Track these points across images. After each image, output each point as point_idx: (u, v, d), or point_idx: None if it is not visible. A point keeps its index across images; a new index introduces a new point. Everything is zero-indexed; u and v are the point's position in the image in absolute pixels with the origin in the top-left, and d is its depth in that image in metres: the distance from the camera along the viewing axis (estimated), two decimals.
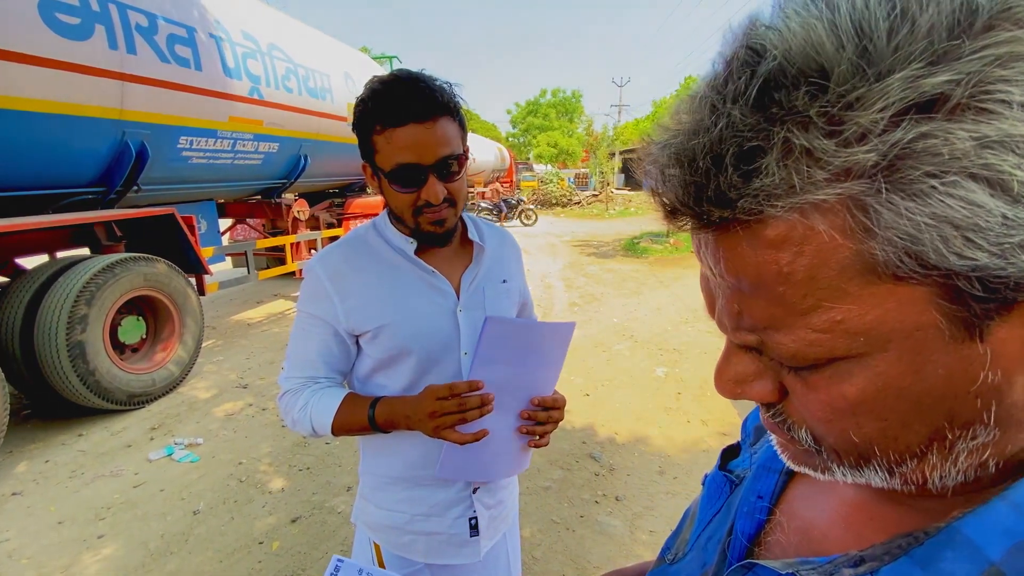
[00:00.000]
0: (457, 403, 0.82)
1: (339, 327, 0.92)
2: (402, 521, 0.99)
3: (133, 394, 3.37)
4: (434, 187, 0.83)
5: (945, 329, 0.23)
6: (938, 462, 0.26)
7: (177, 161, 4.05)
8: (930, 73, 0.20)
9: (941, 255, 0.21)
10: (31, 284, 3.14)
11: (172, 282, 3.71)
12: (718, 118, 0.24)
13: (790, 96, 0.22)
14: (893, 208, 0.21)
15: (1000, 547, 0.24)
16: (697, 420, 3.26)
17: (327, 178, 6.65)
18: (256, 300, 6.51)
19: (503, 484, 1.06)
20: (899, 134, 0.20)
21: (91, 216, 3.45)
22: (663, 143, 0.28)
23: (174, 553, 2.15)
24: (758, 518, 0.41)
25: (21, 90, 2.88)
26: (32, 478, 2.68)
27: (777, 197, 0.23)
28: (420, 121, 0.80)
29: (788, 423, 0.31)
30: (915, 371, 0.24)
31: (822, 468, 0.31)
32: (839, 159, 0.21)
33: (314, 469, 2.76)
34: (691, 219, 0.27)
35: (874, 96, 0.20)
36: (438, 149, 0.82)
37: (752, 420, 0.54)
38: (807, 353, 0.26)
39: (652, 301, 6.25)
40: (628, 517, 2.35)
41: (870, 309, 0.23)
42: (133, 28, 3.43)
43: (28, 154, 3.09)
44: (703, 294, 0.32)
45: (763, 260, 0.25)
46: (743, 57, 0.24)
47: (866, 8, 0.21)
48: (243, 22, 4.53)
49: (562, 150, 34.73)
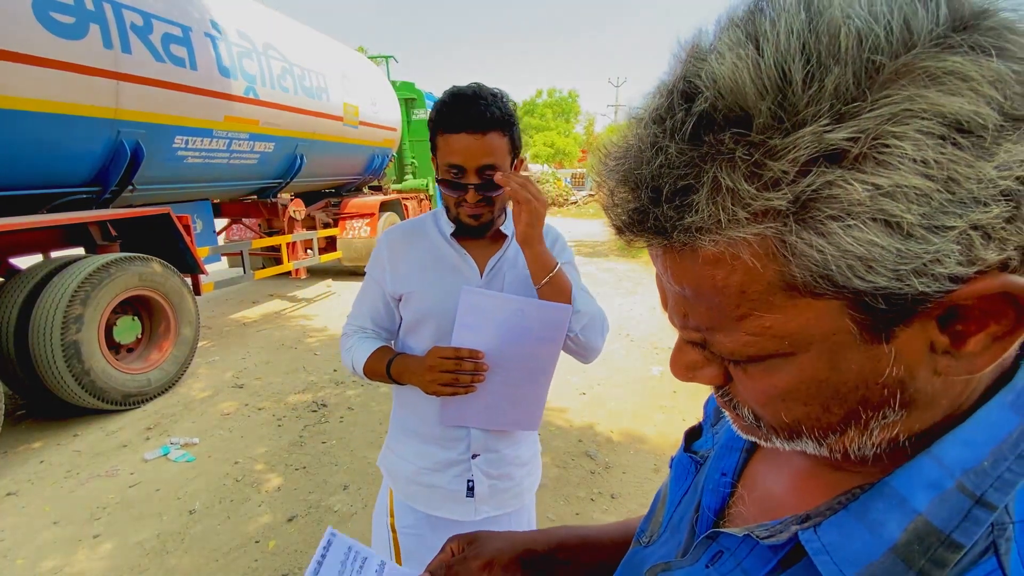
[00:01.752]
0: (453, 364, 0.95)
1: (386, 289, 1.10)
2: (410, 471, 1.12)
3: (128, 394, 3.36)
4: (472, 191, 0.97)
5: (856, 334, 0.27)
6: (856, 436, 0.31)
7: (172, 161, 4.04)
8: (835, 128, 0.22)
9: (847, 279, 0.24)
10: (25, 284, 3.13)
11: (167, 282, 3.71)
12: (657, 152, 0.27)
13: (718, 137, 0.25)
14: (805, 242, 0.24)
15: (924, 498, 0.28)
16: (692, 418, 3.27)
17: (323, 178, 6.64)
18: (252, 300, 6.50)
19: (510, 459, 1.11)
20: (807, 181, 0.23)
21: (86, 216, 3.44)
22: (614, 163, 0.31)
23: (170, 552, 2.15)
24: (723, 492, 0.44)
25: (15, 89, 2.87)
26: (27, 478, 2.67)
27: (706, 231, 0.26)
28: (472, 131, 0.93)
29: (734, 402, 0.35)
30: (832, 367, 0.28)
31: (764, 438, 0.35)
32: (757, 202, 0.24)
33: (310, 468, 2.76)
34: (636, 239, 0.31)
35: (787, 146, 0.23)
36: (482, 158, 0.95)
37: (712, 401, 0.57)
38: (743, 351, 0.30)
39: (648, 300, 6.27)
40: (623, 514, 2.36)
41: (793, 318, 0.27)
42: (128, 27, 3.42)
43: (22, 153, 3.08)
44: (658, 290, 0.36)
45: (702, 274, 0.28)
46: (681, 90, 0.27)
47: (787, 54, 0.23)
48: (238, 21, 4.52)
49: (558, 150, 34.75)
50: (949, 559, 0.27)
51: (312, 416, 3.35)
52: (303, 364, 4.27)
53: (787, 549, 0.34)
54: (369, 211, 7.02)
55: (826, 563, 0.30)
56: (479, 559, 0.61)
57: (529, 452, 1.16)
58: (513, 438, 1.11)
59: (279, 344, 4.78)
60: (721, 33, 0.27)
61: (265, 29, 4.90)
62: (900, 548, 0.28)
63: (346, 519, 2.35)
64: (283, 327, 5.33)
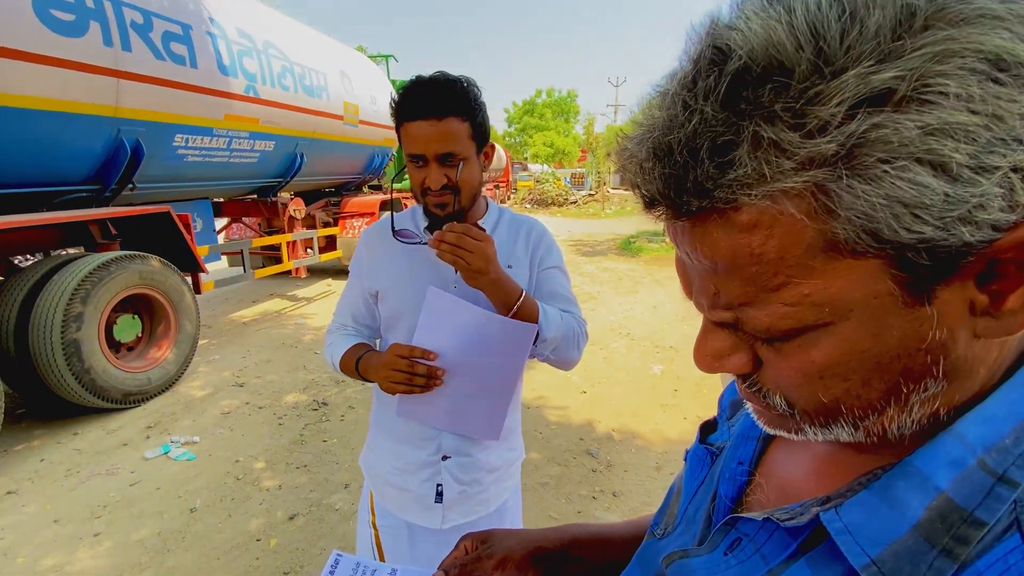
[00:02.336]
0: (407, 364, 0.93)
1: (364, 286, 1.10)
2: (385, 471, 1.11)
3: (129, 392, 3.36)
4: (434, 174, 0.94)
5: (898, 295, 0.26)
6: (896, 414, 0.30)
7: (173, 159, 4.03)
8: (878, 70, 0.22)
9: (893, 230, 0.24)
10: (26, 282, 3.12)
11: (168, 280, 3.70)
12: (691, 114, 0.26)
13: (757, 93, 0.24)
14: (852, 191, 0.24)
15: (947, 476, 0.28)
16: (693, 416, 3.28)
17: (323, 176, 6.63)
18: (252, 299, 6.49)
19: (481, 464, 1.08)
20: (854, 125, 0.23)
21: (86, 214, 3.43)
22: (638, 138, 0.30)
23: (171, 551, 2.14)
24: (740, 480, 0.44)
25: (15, 87, 2.86)
26: (27, 477, 2.66)
27: (750, 186, 0.25)
28: (427, 118, 0.91)
29: (763, 391, 0.34)
30: (874, 335, 0.27)
31: (795, 429, 0.34)
32: (804, 150, 0.24)
33: (311, 467, 2.75)
34: (669, 209, 0.30)
35: (831, 92, 0.23)
36: (440, 145, 0.92)
37: (727, 396, 0.57)
38: (779, 325, 0.29)
39: (649, 299, 6.27)
40: (625, 513, 2.36)
41: (833, 282, 0.26)
42: (128, 25, 3.41)
43: (22, 151, 3.08)
44: (680, 277, 0.35)
45: (737, 243, 0.27)
46: (710, 56, 0.26)
47: (819, 11, 0.24)
48: (239, 19, 4.52)
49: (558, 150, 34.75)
50: (972, 536, 0.27)
51: (313, 415, 3.35)
52: (303, 363, 4.26)
53: (807, 532, 0.33)
54: (369, 210, 7.01)
55: (848, 543, 0.30)
56: (492, 557, 0.61)
57: (500, 459, 1.12)
58: (485, 443, 1.08)
59: (279, 343, 4.78)
60: (742, 6, 0.27)
61: (265, 28, 4.89)
62: (923, 526, 0.28)
63: (347, 517, 2.34)
64: (283, 326, 5.32)
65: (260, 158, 4.99)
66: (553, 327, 0.99)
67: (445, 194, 0.96)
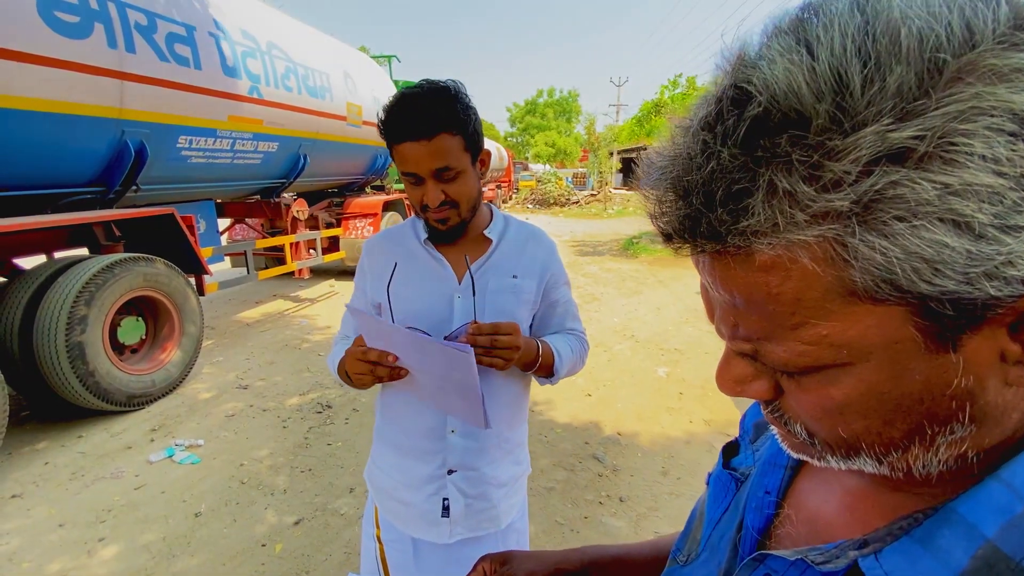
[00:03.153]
0: (368, 368, 0.90)
1: (367, 298, 1.09)
2: (389, 486, 1.09)
3: (133, 395, 3.35)
4: (431, 192, 0.93)
5: (921, 342, 0.25)
6: (920, 453, 0.29)
7: (176, 160, 4.02)
8: (898, 128, 0.22)
9: (913, 283, 0.23)
10: (30, 285, 3.12)
11: (172, 282, 3.69)
12: (709, 157, 0.26)
13: (774, 140, 0.24)
14: (868, 244, 0.23)
15: (993, 524, 0.27)
16: (700, 420, 3.26)
17: (326, 177, 6.62)
18: (255, 300, 6.49)
19: (488, 478, 1.06)
20: (871, 181, 0.23)
21: (90, 216, 3.42)
22: (660, 169, 0.30)
23: (176, 556, 2.13)
24: (767, 512, 0.43)
25: (20, 89, 2.85)
26: (32, 480, 2.66)
27: (763, 234, 0.25)
28: (417, 139, 0.88)
29: (785, 418, 0.34)
30: (895, 378, 0.27)
31: (818, 456, 0.34)
32: (817, 204, 0.24)
33: (316, 470, 2.74)
34: (686, 246, 0.30)
35: (848, 147, 0.23)
36: (434, 162, 0.90)
37: (751, 417, 0.56)
38: (797, 362, 0.29)
39: (652, 301, 6.25)
40: (632, 518, 2.34)
41: (852, 325, 0.26)
42: (132, 27, 3.40)
43: (26, 153, 3.07)
44: (703, 301, 0.35)
45: (754, 282, 0.27)
46: (732, 96, 0.26)
47: (843, 58, 0.23)
48: (242, 21, 4.51)
49: (560, 150, 34.74)
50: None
51: (317, 417, 3.34)
52: (307, 364, 4.26)
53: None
54: (372, 211, 7.00)
55: None
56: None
57: (508, 474, 1.09)
58: (491, 456, 1.06)
59: (283, 344, 4.77)
60: (769, 41, 0.26)
61: (269, 29, 4.88)
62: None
63: (352, 522, 2.33)
64: (287, 327, 5.32)
65: (264, 159, 4.98)
66: (566, 364, 1.04)
67: (444, 209, 0.95)
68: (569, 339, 1.10)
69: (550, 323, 1.12)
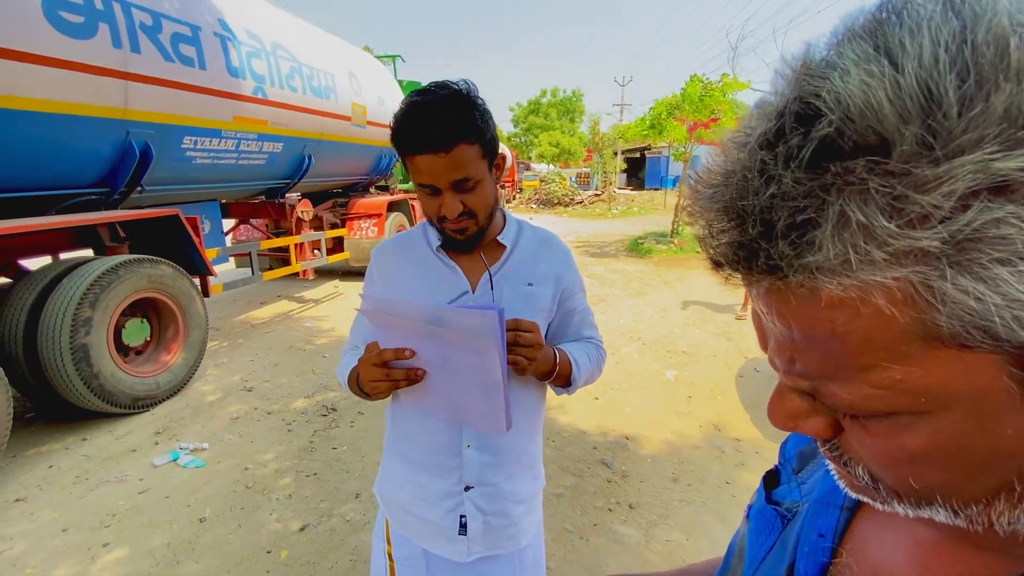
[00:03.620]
0: (384, 373, 0.86)
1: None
2: (404, 500, 1.05)
3: (137, 397, 3.33)
4: (449, 203, 0.89)
5: (1017, 394, 0.22)
6: (1006, 509, 0.26)
7: (181, 161, 4.01)
8: (1006, 156, 0.19)
9: (1013, 332, 0.20)
10: (35, 286, 3.10)
11: (176, 284, 3.67)
12: (768, 180, 0.23)
13: (847, 166, 0.21)
14: (959, 287, 0.20)
15: None
16: (709, 425, 3.21)
17: (331, 178, 6.60)
18: (260, 301, 6.47)
19: (506, 494, 1.02)
20: (968, 217, 0.19)
21: (95, 217, 3.41)
22: (712, 188, 0.27)
23: (181, 562, 2.11)
24: (822, 560, 0.39)
25: (24, 89, 2.83)
26: (36, 483, 2.64)
27: (831, 272, 0.22)
28: (434, 151, 0.84)
29: (845, 458, 0.31)
30: (982, 431, 0.24)
31: (882, 501, 0.30)
32: (899, 242, 0.20)
33: (321, 475, 2.71)
34: (738, 275, 0.27)
35: (941, 177, 0.19)
36: (452, 173, 0.86)
37: (793, 445, 0.52)
38: (863, 405, 0.26)
39: (659, 302, 6.20)
40: (643, 526, 2.30)
41: (932, 371, 0.23)
42: (137, 27, 3.38)
43: (31, 155, 3.05)
44: (755, 328, 0.31)
45: (816, 318, 0.24)
46: (795, 111, 0.23)
47: (935, 69, 0.20)
48: (247, 21, 4.49)
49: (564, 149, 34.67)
50: None
51: (322, 421, 3.31)
52: (312, 366, 4.23)
53: None
54: (376, 211, 6.98)
55: None
56: None
57: (528, 489, 1.06)
58: (509, 471, 1.02)
59: (287, 346, 4.75)
60: (840, 47, 0.23)
61: (273, 29, 4.86)
62: None
63: (359, 528, 2.30)
64: (291, 328, 5.30)
65: (268, 160, 4.96)
66: (584, 374, 1.00)
67: (462, 220, 0.91)
68: (587, 347, 1.06)
69: (566, 332, 1.09)
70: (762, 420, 3.24)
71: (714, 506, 2.43)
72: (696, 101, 9.19)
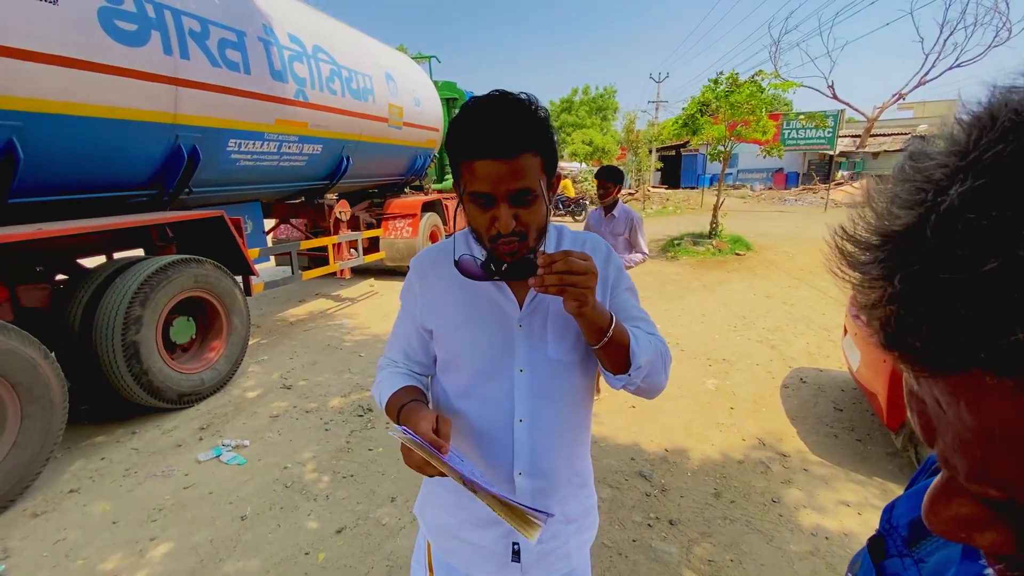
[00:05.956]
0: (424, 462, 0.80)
1: (417, 321, 1.01)
2: (452, 525, 1.01)
3: (183, 393, 3.44)
4: (504, 216, 0.81)
5: None
6: None
7: (226, 163, 4.12)
8: None
9: None
10: (90, 285, 3.24)
11: (220, 283, 3.77)
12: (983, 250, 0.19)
13: None
14: None
15: None
16: (752, 438, 3.08)
17: (368, 178, 6.70)
18: (298, 298, 6.63)
19: (561, 517, 0.98)
20: None
21: (146, 219, 3.53)
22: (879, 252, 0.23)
23: (223, 560, 2.15)
24: None
25: (84, 97, 2.95)
26: (88, 475, 2.75)
27: None
28: (498, 157, 0.78)
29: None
30: None
31: None
32: None
33: (358, 477, 2.73)
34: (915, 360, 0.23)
35: None
36: (512, 182, 0.80)
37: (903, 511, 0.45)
38: None
39: (697, 307, 6.03)
40: (684, 543, 2.22)
41: None
42: (187, 33, 3.49)
43: (89, 158, 3.18)
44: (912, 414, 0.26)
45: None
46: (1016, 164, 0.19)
47: None
48: (289, 25, 4.57)
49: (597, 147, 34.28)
50: None
51: (358, 421, 3.34)
52: (348, 365, 4.29)
53: None
54: (411, 211, 7.04)
55: None
56: None
57: (580, 508, 1.02)
58: (561, 494, 0.98)
59: (325, 344, 4.83)
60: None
61: (314, 32, 4.94)
62: None
63: (394, 533, 2.30)
64: (328, 327, 5.39)
65: (308, 161, 5.05)
66: (644, 351, 0.87)
67: (514, 241, 0.83)
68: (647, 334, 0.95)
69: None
70: (809, 434, 3.09)
71: (760, 525, 2.32)
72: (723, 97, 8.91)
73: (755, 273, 7.75)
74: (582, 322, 0.82)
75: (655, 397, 0.98)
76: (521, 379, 0.93)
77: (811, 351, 4.50)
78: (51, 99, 2.82)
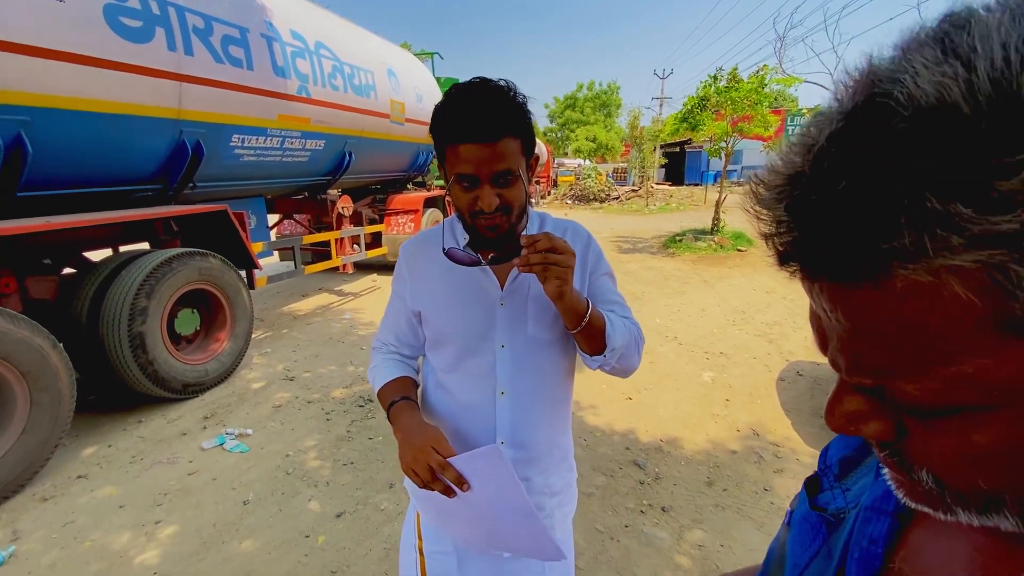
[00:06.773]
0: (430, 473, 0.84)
1: (407, 304, 1.06)
2: (435, 495, 1.03)
3: (188, 383, 3.51)
4: (487, 195, 0.87)
5: None
6: None
7: (229, 159, 4.18)
8: None
9: None
10: (96, 277, 3.31)
11: (224, 276, 3.84)
12: (841, 176, 0.24)
13: (922, 158, 0.22)
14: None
15: None
16: (747, 429, 3.12)
17: (370, 174, 6.75)
18: (301, 293, 6.70)
19: (539, 487, 1.03)
20: None
21: (151, 213, 3.60)
22: (776, 189, 0.27)
23: (226, 542, 2.21)
24: (873, 567, 0.39)
25: (90, 92, 3.01)
26: (96, 462, 2.82)
27: (907, 259, 0.22)
28: (479, 142, 0.83)
29: (906, 464, 0.30)
30: None
31: (944, 509, 0.30)
32: (978, 226, 0.21)
33: (358, 464, 2.79)
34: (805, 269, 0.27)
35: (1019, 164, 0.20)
36: (495, 164, 0.85)
37: (835, 451, 0.51)
38: (933, 401, 0.26)
39: (696, 301, 6.05)
40: (675, 529, 2.26)
41: (1007, 364, 0.23)
42: (191, 30, 3.54)
43: (96, 153, 3.25)
44: (813, 331, 0.31)
45: (886, 312, 0.24)
46: (867, 112, 0.24)
47: (1007, 70, 0.21)
48: (292, 21, 4.62)
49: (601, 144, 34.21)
50: None
51: (359, 411, 3.40)
52: (350, 358, 4.35)
53: None
54: (413, 207, 7.09)
55: None
56: None
57: (561, 481, 1.07)
58: (542, 465, 1.03)
59: (327, 337, 4.90)
60: (907, 54, 0.24)
61: (316, 28, 4.99)
62: None
63: (392, 518, 2.36)
64: (331, 320, 5.46)
65: (311, 157, 5.11)
66: (619, 335, 0.94)
67: (497, 216, 0.89)
68: (621, 318, 1.01)
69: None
70: (803, 425, 3.12)
71: (751, 512, 2.37)
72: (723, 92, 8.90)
73: (756, 269, 7.76)
74: (561, 306, 0.87)
75: (628, 376, 1.05)
76: (503, 354, 0.98)
77: (808, 345, 4.53)
78: (58, 95, 2.88)
